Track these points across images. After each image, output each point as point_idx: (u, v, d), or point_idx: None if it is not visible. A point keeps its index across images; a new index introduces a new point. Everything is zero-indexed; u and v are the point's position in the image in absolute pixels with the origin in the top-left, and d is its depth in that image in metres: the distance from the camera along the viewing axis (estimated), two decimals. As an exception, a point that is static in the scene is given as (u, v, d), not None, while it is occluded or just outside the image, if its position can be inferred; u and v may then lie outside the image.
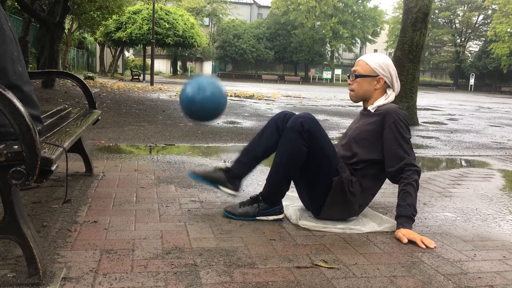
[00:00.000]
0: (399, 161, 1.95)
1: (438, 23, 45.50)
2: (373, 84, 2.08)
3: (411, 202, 1.90)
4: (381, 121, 2.00)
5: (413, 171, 1.94)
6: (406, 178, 1.93)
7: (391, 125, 1.97)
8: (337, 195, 1.94)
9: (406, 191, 1.91)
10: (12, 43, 1.56)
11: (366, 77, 2.08)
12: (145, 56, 27.16)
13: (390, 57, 2.35)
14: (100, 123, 4.89)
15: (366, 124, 2.07)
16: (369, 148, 2.02)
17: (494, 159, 4.21)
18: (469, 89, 40.95)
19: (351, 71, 2.15)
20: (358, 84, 2.10)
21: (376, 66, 2.06)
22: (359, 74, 2.09)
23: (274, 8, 42.79)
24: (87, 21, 17.56)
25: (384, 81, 2.07)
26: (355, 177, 1.99)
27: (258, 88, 20.94)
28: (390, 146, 1.97)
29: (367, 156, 2.01)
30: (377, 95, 2.09)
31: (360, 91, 2.11)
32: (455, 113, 10.91)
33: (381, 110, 2.03)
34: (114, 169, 2.90)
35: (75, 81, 2.80)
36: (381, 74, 2.06)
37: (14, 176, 1.20)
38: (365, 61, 2.09)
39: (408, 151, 1.96)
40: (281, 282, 1.42)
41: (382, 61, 2.07)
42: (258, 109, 8.85)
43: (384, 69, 2.06)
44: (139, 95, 11.30)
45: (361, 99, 2.14)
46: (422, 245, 1.80)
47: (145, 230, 1.82)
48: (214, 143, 4.40)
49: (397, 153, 1.95)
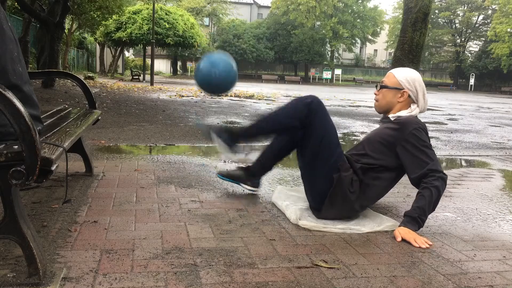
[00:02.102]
0: (422, 167, 1.93)
1: (438, 23, 45.49)
2: (397, 97, 2.10)
3: (422, 205, 1.88)
4: (399, 130, 2.01)
5: (437, 178, 1.91)
6: (426, 183, 1.91)
7: (410, 133, 1.97)
8: (337, 192, 1.95)
9: (421, 195, 1.91)
10: (12, 43, 1.56)
11: (391, 89, 2.11)
12: (145, 56, 27.15)
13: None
14: (100, 123, 4.89)
15: (383, 128, 2.11)
16: (380, 152, 2.03)
17: (494, 159, 4.21)
18: (469, 89, 40.93)
19: (380, 82, 2.20)
20: (383, 95, 2.14)
21: (402, 79, 2.09)
22: (385, 85, 2.13)
23: (274, 8, 42.78)
24: (87, 21, 17.54)
25: (408, 94, 2.09)
26: (357, 176, 1.99)
27: (258, 88, 20.93)
28: (411, 153, 1.96)
29: (376, 160, 2.02)
30: (399, 107, 2.11)
31: (384, 102, 2.14)
32: (455, 113, 10.90)
33: (401, 120, 2.05)
34: (114, 169, 2.90)
35: (75, 81, 2.80)
36: (406, 87, 2.08)
37: (14, 176, 1.20)
38: (393, 74, 2.13)
39: (432, 157, 1.95)
40: (281, 282, 1.42)
41: (409, 75, 2.10)
42: (258, 109, 8.85)
43: (410, 83, 2.08)
44: (139, 95, 11.30)
45: (384, 110, 2.17)
46: (415, 244, 1.79)
47: (145, 230, 1.82)
48: (214, 143, 4.39)
49: (420, 159, 1.94)
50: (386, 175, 2.03)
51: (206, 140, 2.33)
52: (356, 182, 1.98)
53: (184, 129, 5.34)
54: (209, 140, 2.28)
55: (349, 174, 1.97)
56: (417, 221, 1.88)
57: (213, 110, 8.14)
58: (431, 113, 10.53)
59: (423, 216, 1.89)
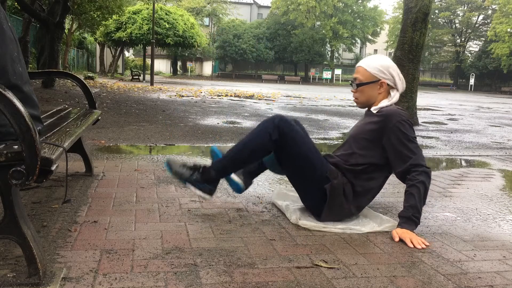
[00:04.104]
0: (405, 161, 1.92)
1: (438, 23, 45.49)
2: (376, 89, 2.05)
3: (413, 203, 1.88)
4: (382, 122, 1.97)
5: (420, 172, 1.89)
6: (411, 180, 1.90)
7: (394, 126, 1.93)
8: (333, 201, 1.95)
9: (409, 193, 1.90)
10: (12, 43, 1.56)
11: (368, 84, 2.05)
12: (145, 56, 27.17)
13: (390, 57, 2.34)
14: (100, 123, 4.90)
15: (367, 123, 2.05)
16: (367, 148, 2.00)
17: (494, 159, 4.21)
18: (469, 89, 40.93)
19: (353, 79, 2.11)
20: (361, 92, 2.08)
21: (375, 71, 2.03)
22: (360, 83, 2.06)
23: (274, 8, 42.80)
24: (87, 21, 17.56)
25: (387, 83, 2.04)
26: (348, 180, 1.98)
27: (258, 88, 20.93)
28: (395, 147, 1.93)
29: (365, 158, 1.99)
30: (381, 98, 2.07)
31: (364, 99, 2.09)
32: (455, 113, 10.90)
33: (383, 112, 2.00)
34: (114, 169, 2.90)
35: (75, 81, 2.80)
36: (382, 78, 2.03)
37: (14, 176, 1.20)
38: (364, 67, 2.05)
39: (414, 150, 1.93)
40: (281, 282, 1.42)
41: (381, 64, 2.03)
42: (258, 109, 8.85)
43: (384, 72, 2.03)
44: (139, 95, 11.30)
45: (367, 105, 2.12)
46: (411, 244, 1.79)
47: (145, 230, 1.82)
48: (214, 143, 4.39)
49: (402, 154, 1.92)
50: (377, 174, 2.02)
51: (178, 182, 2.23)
52: (348, 186, 1.97)
53: (184, 129, 5.34)
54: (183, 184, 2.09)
55: (339, 180, 1.95)
56: (412, 220, 1.88)
57: (213, 110, 8.14)
58: (431, 113, 10.53)
59: (417, 213, 1.88)
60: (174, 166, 2.03)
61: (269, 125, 1.93)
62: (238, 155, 1.97)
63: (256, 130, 1.97)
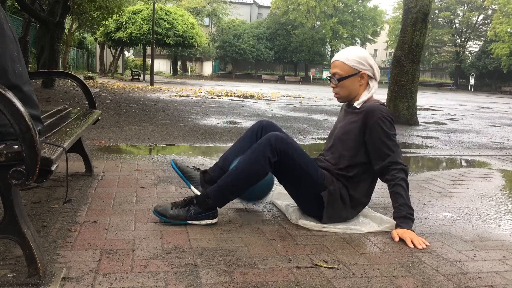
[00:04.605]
0: (383, 159, 1.93)
1: (438, 23, 45.49)
2: (357, 81, 2.02)
3: (403, 201, 1.89)
4: (363, 119, 1.96)
5: (398, 170, 1.91)
6: (392, 179, 1.91)
7: (374, 123, 1.93)
8: (331, 207, 1.95)
9: (395, 192, 1.91)
10: (12, 43, 1.56)
11: (349, 77, 2.01)
12: (145, 56, 27.18)
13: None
14: (100, 123, 4.90)
15: (351, 122, 2.03)
16: (354, 149, 1.99)
17: (494, 159, 4.21)
18: (469, 89, 40.94)
19: (331, 74, 2.07)
20: (342, 87, 2.04)
21: (354, 63, 2.00)
22: (341, 77, 2.02)
23: (274, 8, 42.81)
24: (87, 21, 17.58)
25: (367, 74, 2.02)
26: (342, 184, 1.98)
27: (258, 88, 20.94)
28: (374, 144, 1.94)
29: (353, 159, 1.99)
30: (362, 90, 2.04)
31: (346, 93, 2.05)
32: (455, 113, 10.90)
33: (364, 108, 1.98)
34: (114, 169, 2.90)
35: (75, 81, 2.80)
36: (362, 69, 2.01)
37: (14, 176, 1.20)
38: (342, 61, 2.01)
39: (393, 148, 1.93)
40: (281, 282, 1.42)
41: (359, 55, 2.00)
42: (258, 109, 8.85)
43: (362, 63, 2.00)
44: (139, 95, 11.30)
45: (349, 99, 2.09)
46: (411, 244, 1.79)
47: (145, 230, 1.82)
48: (214, 143, 4.40)
49: (381, 151, 1.93)
50: (368, 173, 2.01)
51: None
52: (343, 189, 1.98)
53: (184, 129, 5.34)
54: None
55: (335, 185, 1.96)
56: (408, 217, 1.89)
57: (213, 110, 8.14)
58: (431, 113, 10.53)
59: (410, 210, 1.90)
60: (166, 211, 1.91)
61: (266, 149, 1.86)
62: (236, 182, 1.90)
63: (253, 156, 1.88)
